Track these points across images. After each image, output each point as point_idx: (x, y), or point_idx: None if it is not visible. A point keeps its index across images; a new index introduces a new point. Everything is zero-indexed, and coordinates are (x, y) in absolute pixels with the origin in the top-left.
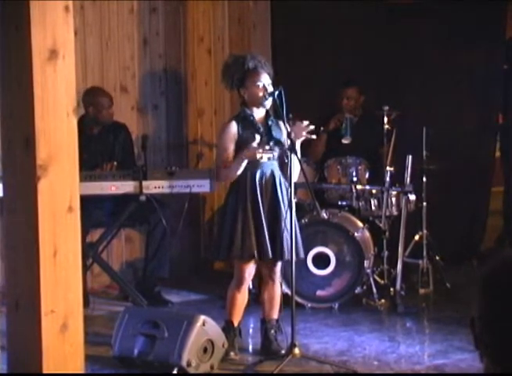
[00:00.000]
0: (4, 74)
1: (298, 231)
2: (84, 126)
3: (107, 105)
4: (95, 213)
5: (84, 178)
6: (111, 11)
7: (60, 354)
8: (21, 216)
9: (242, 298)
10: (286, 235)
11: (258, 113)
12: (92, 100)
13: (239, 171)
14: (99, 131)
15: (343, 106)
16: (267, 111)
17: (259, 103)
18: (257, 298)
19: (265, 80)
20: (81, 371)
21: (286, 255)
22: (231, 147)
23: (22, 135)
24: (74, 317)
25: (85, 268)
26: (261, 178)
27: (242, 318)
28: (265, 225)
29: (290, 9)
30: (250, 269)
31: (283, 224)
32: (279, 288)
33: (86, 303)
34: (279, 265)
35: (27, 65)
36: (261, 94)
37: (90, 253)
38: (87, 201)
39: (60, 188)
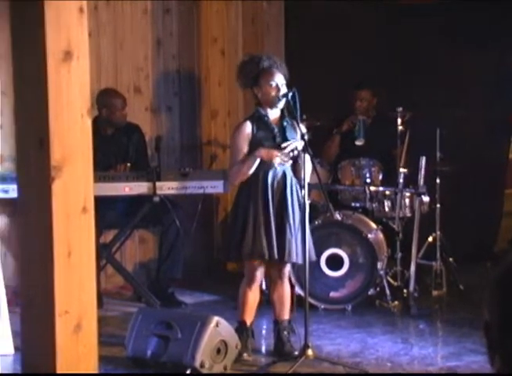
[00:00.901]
0: (18, 75)
1: (309, 233)
2: (98, 127)
3: (121, 106)
4: (109, 214)
5: (98, 179)
6: (125, 12)
7: (74, 355)
8: (35, 217)
9: (253, 296)
10: (293, 236)
11: (273, 114)
12: (106, 101)
13: (251, 170)
14: (112, 133)
15: (356, 107)
16: (282, 112)
17: (272, 103)
18: (269, 299)
19: (279, 80)
20: (95, 372)
21: (291, 257)
22: (245, 148)
23: (36, 136)
24: (88, 318)
25: (99, 269)
26: (273, 179)
27: (254, 319)
28: (273, 225)
29: (304, 9)
30: (261, 269)
31: (288, 225)
32: (288, 288)
33: (100, 304)
34: (287, 266)
35: (41, 66)
36: (274, 93)
37: (104, 254)
38: (101, 202)
39: (74, 189)
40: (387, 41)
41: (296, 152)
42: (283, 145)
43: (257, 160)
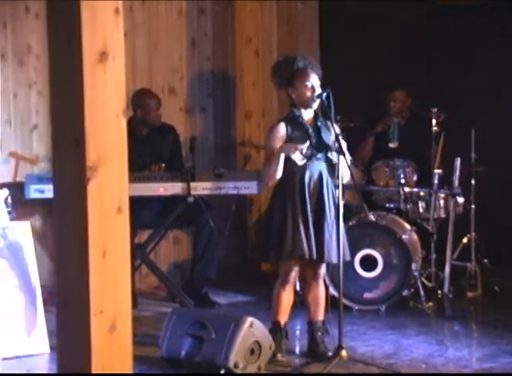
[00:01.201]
0: (54, 75)
1: (344, 233)
2: (133, 128)
3: (155, 107)
4: (144, 214)
5: (133, 179)
6: (160, 12)
7: (109, 355)
8: (71, 217)
9: (288, 296)
10: (328, 237)
11: (307, 115)
12: (141, 102)
13: (280, 168)
14: (147, 133)
15: (390, 108)
16: (315, 112)
17: (307, 104)
18: (304, 301)
19: (314, 80)
20: (130, 372)
21: (329, 257)
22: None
23: (72, 136)
24: (123, 318)
25: (134, 269)
26: (309, 179)
27: (288, 319)
28: (311, 226)
29: (338, 9)
30: (296, 269)
31: (326, 226)
32: (323, 289)
33: (134, 304)
34: (322, 266)
35: (77, 67)
36: (309, 94)
37: (138, 254)
38: (135, 202)
39: (110, 189)
40: (422, 41)
41: (309, 152)
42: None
43: (282, 157)
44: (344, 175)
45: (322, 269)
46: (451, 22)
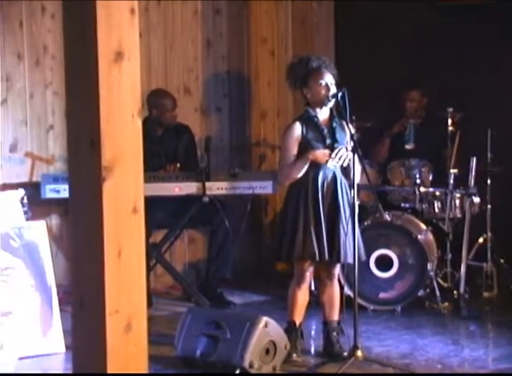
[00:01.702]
0: (70, 75)
1: (359, 234)
2: (148, 128)
3: (171, 107)
4: (159, 214)
5: (148, 179)
6: (175, 12)
7: (124, 354)
8: (86, 217)
9: (303, 296)
10: (344, 237)
11: (322, 115)
12: (156, 102)
13: (302, 172)
14: (162, 133)
15: (406, 108)
16: (331, 112)
17: (322, 103)
18: (318, 300)
19: (329, 80)
20: (145, 371)
21: (344, 257)
22: (294, 149)
23: (87, 136)
24: (138, 317)
25: (149, 268)
26: (323, 180)
27: (304, 319)
28: (323, 226)
29: (354, 9)
30: (310, 269)
31: (341, 226)
32: (337, 289)
33: (149, 303)
34: (337, 267)
35: (92, 67)
36: (323, 93)
37: (153, 254)
38: (150, 202)
39: (125, 189)
40: (438, 41)
41: (348, 161)
42: (335, 152)
43: (308, 163)
44: (357, 175)
45: (337, 270)
46: (466, 21)
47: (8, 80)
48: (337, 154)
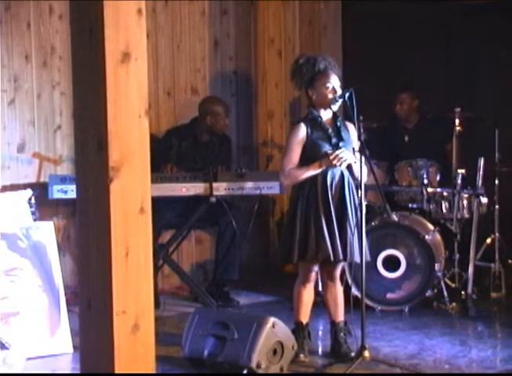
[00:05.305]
0: (77, 76)
1: (364, 234)
2: (195, 131)
3: (225, 114)
4: (166, 214)
5: (155, 179)
6: (182, 13)
7: (132, 354)
8: (94, 217)
9: (308, 296)
10: (351, 237)
11: (325, 115)
12: (211, 109)
13: (308, 176)
14: (207, 139)
15: (396, 111)
16: (334, 112)
17: (328, 105)
18: (324, 301)
19: (335, 82)
20: (152, 372)
21: (352, 257)
22: (298, 149)
23: (95, 137)
24: (146, 318)
25: (156, 269)
26: (331, 180)
27: (311, 320)
28: (335, 226)
29: (361, 10)
30: (315, 268)
31: (348, 226)
32: (341, 290)
33: (156, 304)
34: (338, 267)
35: (100, 67)
36: (330, 96)
37: (161, 254)
38: (158, 203)
39: (132, 189)
40: (446, 41)
41: (346, 163)
42: (334, 154)
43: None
44: (365, 175)
45: (338, 271)
46: (475, 22)
47: (16, 80)
48: (336, 156)
